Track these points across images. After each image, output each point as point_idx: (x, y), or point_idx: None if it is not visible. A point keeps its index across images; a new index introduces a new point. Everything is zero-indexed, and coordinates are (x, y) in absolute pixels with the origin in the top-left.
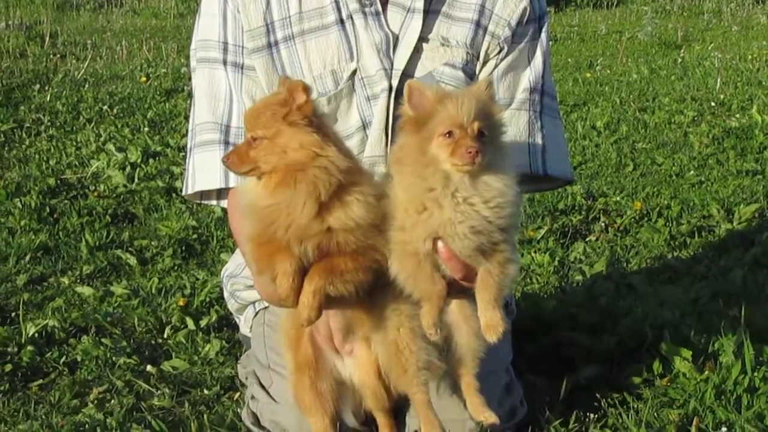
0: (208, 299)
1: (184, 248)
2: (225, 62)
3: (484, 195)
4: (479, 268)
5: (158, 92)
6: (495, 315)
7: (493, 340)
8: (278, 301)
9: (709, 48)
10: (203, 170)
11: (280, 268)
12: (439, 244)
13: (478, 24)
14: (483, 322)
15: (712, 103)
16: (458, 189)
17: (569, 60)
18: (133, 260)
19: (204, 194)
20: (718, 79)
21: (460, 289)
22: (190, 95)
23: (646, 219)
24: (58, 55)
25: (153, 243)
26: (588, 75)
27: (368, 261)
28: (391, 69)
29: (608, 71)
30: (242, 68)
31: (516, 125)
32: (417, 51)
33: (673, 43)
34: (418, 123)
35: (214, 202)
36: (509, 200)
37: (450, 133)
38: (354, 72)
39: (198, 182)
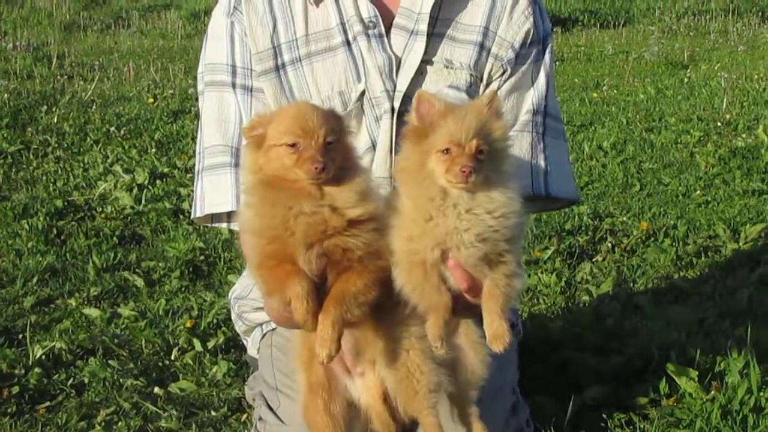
0: (215, 321)
1: (191, 270)
2: (234, 85)
3: (486, 206)
4: (485, 280)
5: (165, 113)
6: (501, 325)
7: (500, 349)
8: (287, 322)
9: (716, 68)
10: (214, 193)
11: (293, 291)
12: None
13: (481, 46)
14: (489, 333)
15: (719, 123)
16: (458, 203)
17: (576, 80)
18: (140, 282)
19: (215, 217)
20: (725, 99)
21: (465, 305)
22: (197, 116)
23: (652, 239)
24: (66, 77)
25: (160, 264)
26: (595, 95)
27: (375, 271)
28: (394, 91)
29: (615, 91)
30: (251, 91)
31: (519, 147)
32: (420, 73)
33: (679, 63)
34: (421, 134)
35: (224, 225)
36: (512, 210)
37: (447, 150)
38: (362, 93)
39: (208, 205)
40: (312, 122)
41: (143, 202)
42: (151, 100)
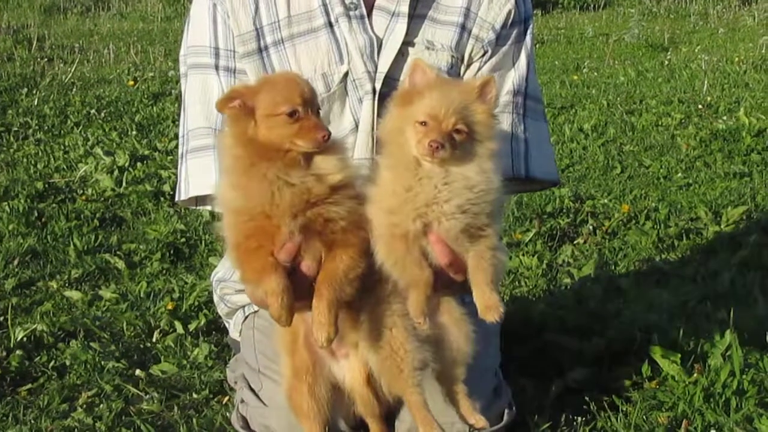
0: (196, 303)
1: (172, 252)
2: (217, 67)
3: (463, 183)
4: (467, 254)
5: (146, 96)
6: (493, 296)
7: (495, 319)
8: (265, 307)
9: (696, 50)
10: (199, 175)
11: (268, 287)
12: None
13: (463, 27)
14: (481, 304)
15: (699, 106)
16: (431, 175)
17: (556, 62)
18: (121, 264)
19: (199, 199)
20: (705, 82)
21: (447, 281)
22: (177, 99)
23: (633, 222)
24: (46, 59)
25: (141, 247)
26: (575, 77)
27: (359, 243)
28: (375, 72)
29: (595, 74)
30: (234, 72)
31: (500, 127)
32: (402, 54)
33: (659, 46)
34: (407, 99)
35: (209, 207)
36: (491, 187)
37: (425, 123)
38: (346, 74)
39: (193, 187)
40: (308, 91)
41: (124, 184)
42: (132, 82)
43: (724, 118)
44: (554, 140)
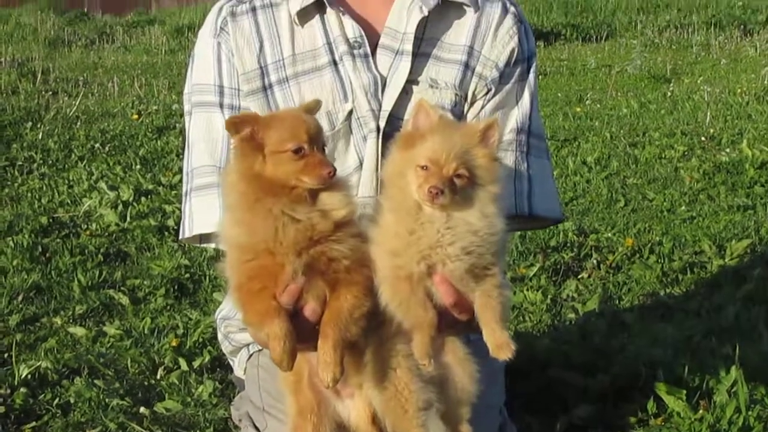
0: (201, 339)
1: (176, 288)
2: (221, 105)
3: (465, 228)
4: (472, 294)
5: (150, 129)
6: (503, 334)
7: (507, 357)
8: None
9: (699, 81)
10: (203, 213)
11: (270, 331)
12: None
13: (466, 65)
14: (492, 343)
15: (702, 138)
16: (432, 220)
17: (559, 94)
18: (125, 300)
19: (203, 237)
20: (708, 113)
21: (451, 321)
22: (181, 132)
23: (638, 255)
24: (50, 92)
25: (145, 282)
26: (578, 109)
27: (363, 281)
28: (380, 110)
29: (598, 105)
30: (238, 111)
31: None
32: (406, 93)
33: (662, 77)
34: (409, 142)
35: (213, 245)
36: (494, 231)
37: (425, 167)
38: (350, 112)
39: (197, 225)
40: (314, 127)
41: (128, 219)
42: (136, 116)
43: (727, 150)
44: (557, 173)
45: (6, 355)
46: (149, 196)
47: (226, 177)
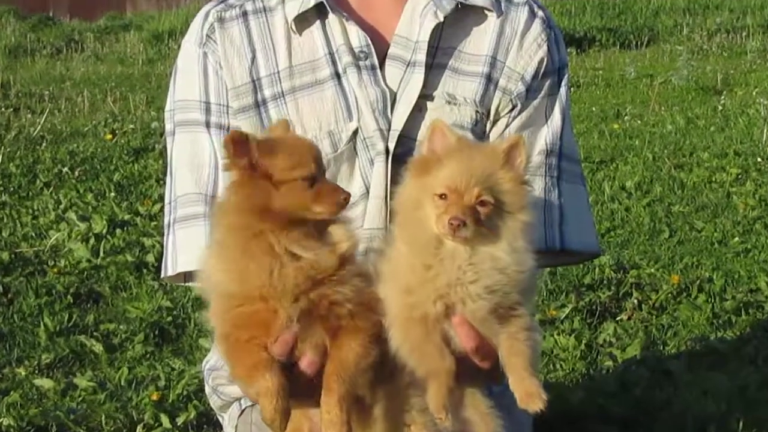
0: (185, 393)
1: (157, 333)
2: (208, 124)
3: (491, 263)
4: (495, 337)
5: (126, 151)
6: (533, 382)
7: (538, 408)
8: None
9: (754, 93)
10: (188, 248)
11: (261, 387)
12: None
13: (488, 78)
14: (520, 392)
15: (759, 158)
16: (455, 255)
17: (593, 109)
18: (98, 347)
19: (188, 275)
20: (765, 130)
21: (472, 369)
22: (162, 154)
23: (684, 294)
24: (11, 109)
25: (121, 327)
26: (615, 126)
27: (369, 327)
28: (389, 130)
29: (638, 122)
30: (227, 130)
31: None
32: (419, 110)
33: (712, 88)
34: (424, 168)
35: (198, 283)
36: (524, 269)
37: (444, 196)
38: (355, 132)
39: (181, 262)
40: (318, 151)
41: (101, 254)
42: (109, 135)
43: None
44: (592, 200)
45: None
46: (125, 228)
47: (218, 210)
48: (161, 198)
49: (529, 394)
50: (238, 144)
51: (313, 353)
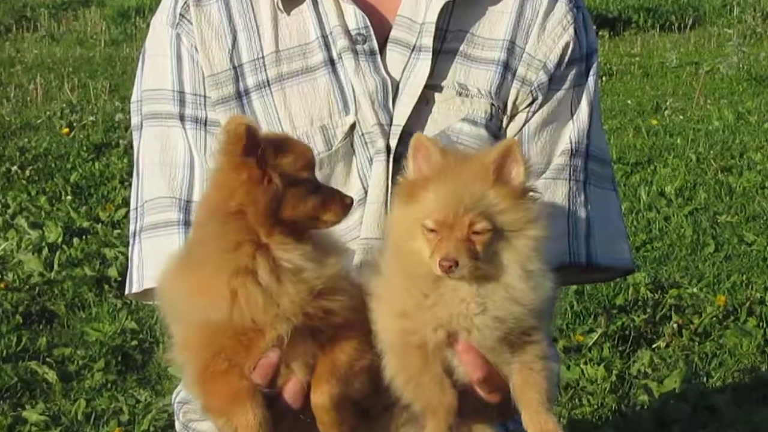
0: (152, 429)
1: (120, 359)
2: (182, 117)
3: (501, 294)
4: (506, 366)
5: (85, 147)
6: (549, 419)
7: None
8: None
9: None
10: (156, 261)
11: (240, 421)
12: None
13: (505, 66)
14: (535, 431)
15: None
16: (457, 289)
17: (629, 102)
18: (52, 375)
19: (156, 293)
20: None
21: (478, 404)
22: (127, 151)
23: (732, 318)
24: None
25: (78, 352)
26: (654, 122)
27: (363, 332)
28: (390, 125)
29: (681, 117)
30: (205, 124)
31: (552, 199)
32: (425, 102)
33: (766, 79)
34: (410, 194)
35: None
36: (540, 295)
37: (433, 230)
38: (352, 127)
39: (149, 277)
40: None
41: (56, 267)
42: (66, 129)
43: None
44: (626, 208)
45: None
46: (84, 237)
47: (205, 217)
48: (126, 202)
49: None
50: (250, 137)
51: (303, 374)
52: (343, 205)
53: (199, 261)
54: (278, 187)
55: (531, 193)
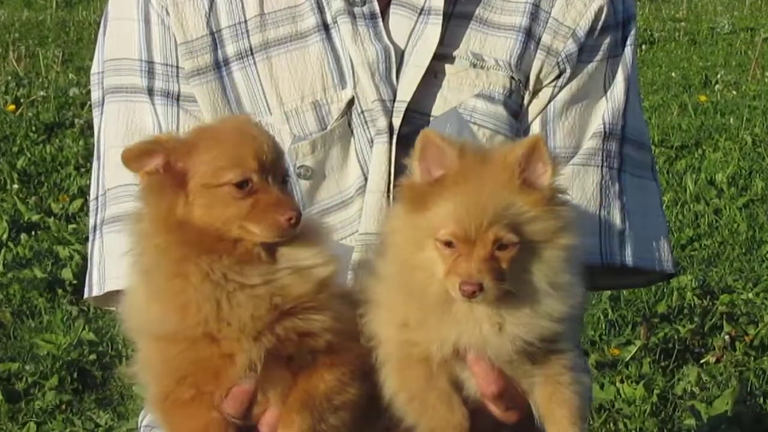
0: None
1: (76, 376)
2: (151, 91)
3: (521, 320)
4: (526, 380)
5: (34, 127)
6: None
7: None
8: None
9: None
10: (121, 259)
11: None
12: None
13: (528, 33)
14: None
15: None
16: (474, 310)
17: (672, 75)
18: None
19: (120, 296)
20: None
21: (492, 424)
22: (83, 132)
23: None
24: None
25: (27, 368)
26: (702, 99)
27: (351, 360)
28: (393, 101)
29: (733, 92)
30: (177, 99)
31: (581, 189)
32: (434, 75)
33: None
34: (419, 201)
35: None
36: (571, 308)
37: (450, 243)
38: (350, 103)
39: (111, 278)
40: (268, 148)
41: (1, 268)
42: (12, 106)
43: None
44: (670, 199)
45: None
46: (33, 233)
47: (135, 225)
48: (83, 192)
49: None
50: (145, 150)
51: (279, 407)
52: (279, 219)
53: (144, 271)
54: (176, 190)
55: (558, 196)
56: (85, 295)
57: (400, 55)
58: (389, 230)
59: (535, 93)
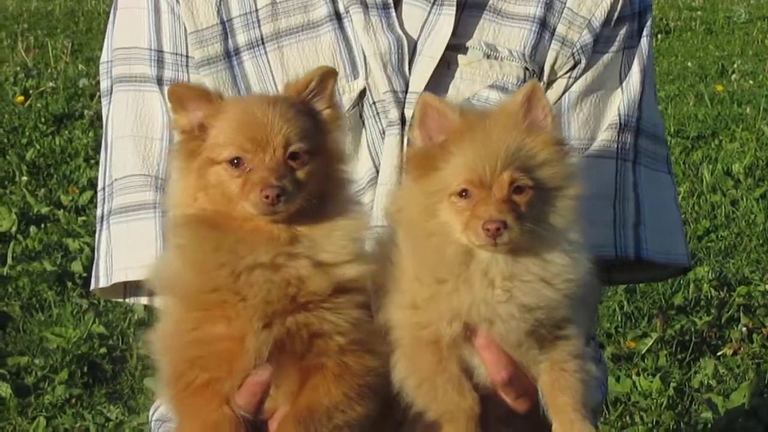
0: None
1: (86, 370)
2: (160, 80)
3: (540, 273)
4: (535, 366)
5: (43, 119)
6: (585, 427)
7: None
8: None
9: None
10: (129, 249)
11: None
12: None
13: (542, 24)
14: None
15: None
16: (489, 269)
17: (689, 64)
18: (5, 389)
19: (130, 287)
20: None
21: (502, 410)
22: (92, 123)
23: None
24: None
25: (37, 362)
26: (719, 88)
27: (362, 374)
28: (405, 92)
29: (750, 82)
30: None
31: (595, 180)
32: (447, 66)
33: None
34: (426, 164)
35: (144, 300)
36: (580, 276)
37: (465, 192)
38: (362, 94)
39: (119, 269)
40: (265, 123)
41: (9, 261)
42: (21, 97)
43: None
44: (686, 190)
45: None
46: (43, 226)
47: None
48: (93, 184)
49: None
50: (193, 94)
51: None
52: (255, 198)
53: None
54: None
55: (563, 143)
56: (92, 287)
57: (413, 46)
58: (397, 208)
59: (549, 84)
